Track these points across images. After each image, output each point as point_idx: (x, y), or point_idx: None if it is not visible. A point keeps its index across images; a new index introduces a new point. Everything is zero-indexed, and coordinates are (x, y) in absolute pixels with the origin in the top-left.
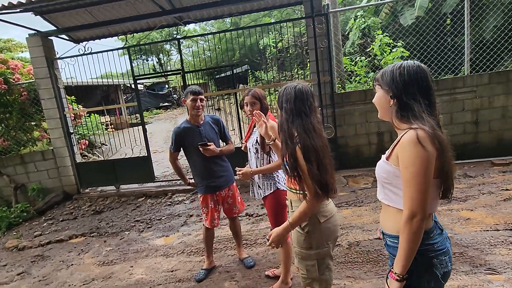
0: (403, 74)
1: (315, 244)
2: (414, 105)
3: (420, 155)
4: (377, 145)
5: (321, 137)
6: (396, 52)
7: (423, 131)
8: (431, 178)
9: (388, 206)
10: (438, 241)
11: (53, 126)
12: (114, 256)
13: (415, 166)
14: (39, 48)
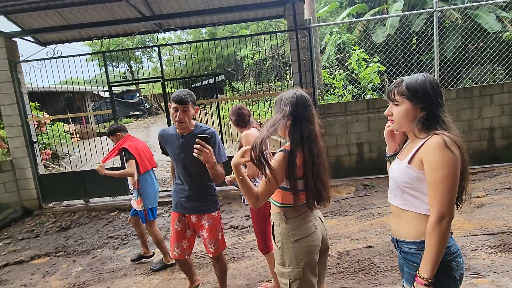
0: (434, 87)
1: (288, 261)
2: (443, 115)
3: (449, 158)
4: (356, 156)
5: (321, 144)
6: (373, 67)
7: (448, 136)
8: (457, 181)
9: (406, 211)
10: (452, 244)
11: (13, 135)
12: (87, 277)
13: (445, 169)
14: (2, 49)
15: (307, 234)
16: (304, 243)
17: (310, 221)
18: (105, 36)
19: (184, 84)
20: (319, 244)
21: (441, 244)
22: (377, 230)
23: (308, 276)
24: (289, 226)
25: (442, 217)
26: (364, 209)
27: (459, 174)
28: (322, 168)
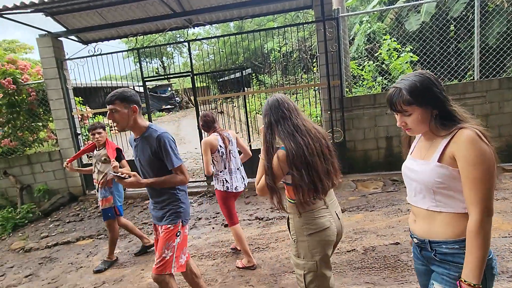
0: (435, 83)
1: (302, 254)
2: (455, 108)
3: (486, 151)
4: (385, 150)
5: (309, 133)
6: (405, 57)
7: (478, 129)
8: (496, 175)
9: (440, 213)
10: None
11: (61, 127)
12: (124, 259)
13: (484, 163)
14: (49, 48)
15: (321, 229)
16: (318, 236)
17: (324, 216)
18: (139, 33)
19: (212, 78)
20: (333, 239)
21: (487, 245)
22: (405, 227)
23: (322, 269)
24: (302, 220)
25: (486, 216)
26: (392, 205)
27: (496, 168)
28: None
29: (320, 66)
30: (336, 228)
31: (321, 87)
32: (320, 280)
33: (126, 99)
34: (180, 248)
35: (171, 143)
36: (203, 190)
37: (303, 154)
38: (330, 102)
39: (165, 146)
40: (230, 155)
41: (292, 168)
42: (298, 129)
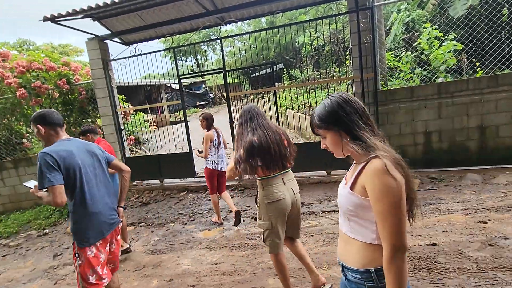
0: (343, 106)
1: (262, 216)
2: (363, 133)
3: (392, 185)
4: (423, 146)
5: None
6: (448, 46)
7: (387, 159)
8: (404, 208)
9: (353, 239)
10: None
11: (106, 123)
12: (162, 246)
13: (389, 198)
14: (96, 51)
15: (276, 199)
16: (273, 205)
17: (281, 191)
18: (175, 33)
19: (244, 74)
20: (285, 208)
21: (402, 279)
22: (444, 227)
23: (276, 227)
24: (264, 192)
25: (397, 249)
26: (429, 204)
27: (405, 200)
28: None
29: (353, 59)
30: (291, 201)
31: (353, 80)
32: (273, 237)
33: (35, 120)
34: (83, 269)
35: (41, 163)
36: (235, 184)
37: (263, 141)
38: (363, 96)
39: (38, 166)
40: (220, 145)
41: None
42: (262, 126)
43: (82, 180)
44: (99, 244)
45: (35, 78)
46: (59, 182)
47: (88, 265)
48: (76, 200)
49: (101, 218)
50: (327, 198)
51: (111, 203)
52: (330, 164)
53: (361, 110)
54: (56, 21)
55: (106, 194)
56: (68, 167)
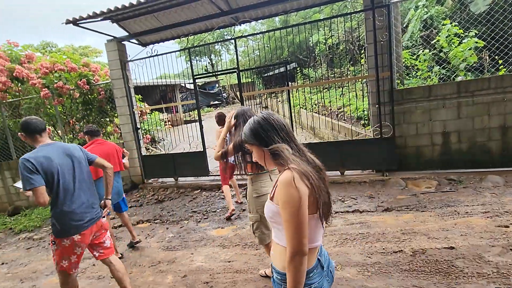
0: (262, 125)
1: (251, 209)
2: (284, 147)
3: (293, 196)
4: (441, 146)
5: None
6: (468, 43)
7: (295, 171)
8: (305, 217)
9: (276, 243)
10: (315, 281)
11: (124, 122)
12: (176, 243)
13: (290, 208)
14: (115, 52)
15: (263, 194)
16: (261, 198)
17: (268, 186)
18: (190, 33)
19: (257, 74)
20: None
21: (296, 280)
22: (463, 230)
23: (264, 219)
24: (253, 187)
25: (294, 254)
26: (447, 206)
27: (305, 210)
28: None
29: (368, 57)
30: None
31: (369, 79)
32: (262, 228)
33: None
34: (58, 255)
35: (22, 168)
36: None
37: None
38: (379, 95)
39: (20, 172)
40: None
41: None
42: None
43: (59, 183)
44: (76, 238)
45: (57, 78)
46: (40, 184)
47: (61, 253)
48: (52, 199)
49: (74, 217)
50: (340, 198)
51: (88, 202)
52: (343, 164)
53: (279, 127)
54: (77, 24)
55: (83, 194)
56: (46, 171)
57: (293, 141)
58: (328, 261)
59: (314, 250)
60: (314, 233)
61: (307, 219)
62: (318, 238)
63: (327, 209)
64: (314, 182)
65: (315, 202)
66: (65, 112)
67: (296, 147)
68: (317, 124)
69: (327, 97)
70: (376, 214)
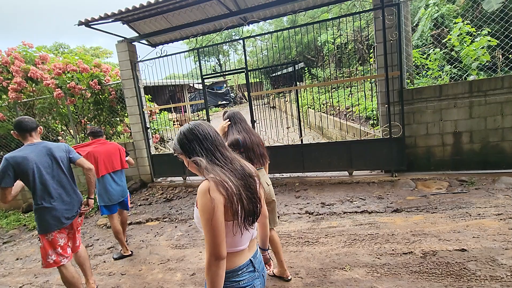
0: (186, 135)
1: None
2: (199, 158)
3: (207, 204)
4: (452, 147)
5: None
6: (481, 41)
7: (211, 181)
8: (219, 224)
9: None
10: (245, 279)
11: (134, 122)
12: (185, 241)
13: (205, 215)
14: (125, 52)
15: None
16: None
17: None
18: (199, 33)
19: (265, 74)
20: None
21: (213, 281)
22: (475, 233)
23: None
24: None
25: (210, 257)
26: (458, 208)
27: (221, 217)
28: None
29: (378, 57)
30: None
31: (378, 79)
32: None
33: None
34: (43, 250)
35: (2, 165)
36: None
37: (247, 141)
38: (388, 95)
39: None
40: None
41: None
42: (245, 129)
43: (35, 180)
44: (58, 231)
45: (70, 79)
46: (8, 185)
47: (47, 247)
48: (32, 196)
49: (55, 213)
50: (349, 199)
51: (69, 199)
52: (352, 165)
53: (203, 137)
54: (90, 25)
55: (64, 192)
56: (22, 170)
57: (219, 151)
58: (262, 266)
59: (241, 253)
60: (237, 238)
61: (222, 226)
62: (243, 243)
63: (251, 215)
64: (230, 191)
65: (232, 210)
66: (77, 111)
67: (222, 156)
68: (325, 124)
69: (335, 96)
70: (385, 215)
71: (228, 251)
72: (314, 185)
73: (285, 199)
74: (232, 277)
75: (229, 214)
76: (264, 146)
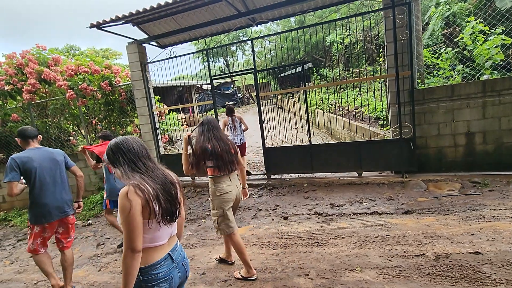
0: (113, 149)
1: (215, 206)
2: (122, 168)
3: (125, 206)
4: (465, 148)
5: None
6: (495, 40)
7: (131, 186)
8: (136, 222)
9: None
10: (163, 271)
11: (143, 122)
12: (194, 241)
13: (123, 214)
14: (135, 54)
15: (225, 192)
16: (222, 197)
17: (227, 186)
18: (208, 35)
19: (272, 74)
20: (232, 199)
21: (128, 274)
22: (489, 235)
23: (226, 214)
24: (215, 188)
25: (126, 250)
26: (472, 210)
27: (137, 216)
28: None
29: (388, 57)
30: (235, 193)
31: (388, 79)
32: (226, 221)
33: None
34: (31, 238)
35: (8, 165)
36: (263, 183)
37: (216, 149)
38: (399, 95)
39: (6, 166)
40: (235, 127)
41: (207, 157)
42: (216, 137)
43: (35, 179)
44: (46, 225)
45: (81, 80)
46: (15, 179)
47: (33, 237)
48: (30, 191)
49: (47, 208)
50: (358, 200)
51: (61, 199)
52: (361, 166)
53: (126, 149)
54: (101, 27)
55: (58, 191)
56: (26, 168)
57: (141, 161)
58: (182, 257)
59: (160, 248)
60: (156, 234)
61: (138, 224)
62: (162, 238)
63: (169, 214)
64: (147, 193)
65: (149, 210)
66: (88, 112)
67: (144, 166)
68: (333, 124)
69: (343, 97)
70: (396, 216)
71: (148, 246)
72: (323, 186)
73: (293, 200)
74: (151, 271)
75: (147, 213)
76: (235, 152)
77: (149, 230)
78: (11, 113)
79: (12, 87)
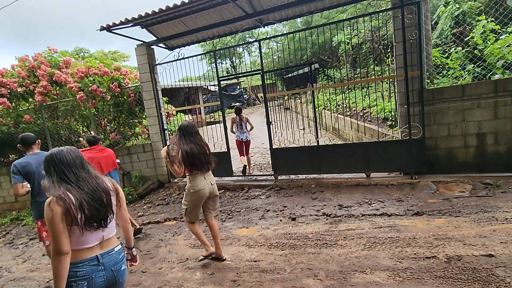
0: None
1: (187, 200)
2: (51, 179)
3: (48, 214)
4: (476, 148)
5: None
6: (507, 39)
7: (53, 196)
8: (58, 228)
9: None
10: (84, 270)
11: (151, 123)
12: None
13: (48, 221)
14: (144, 56)
15: (198, 189)
16: (196, 193)
17: (202, 183)
18: (215, 36)
19: (278, 75)
20: (204, 196)
21: (55, 272)
22: (502, 238)
23: (194, 208)
24: (190, 184)
25: (53, 253)
26: (484, 212)
27: (58, 224)
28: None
29: (397, 57)
30: (208, 189)
31: (397, 79)
32: (191, 214)
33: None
34: (38, 231)
35: (11, 170)
36: (271, 184)
37: (193, 152)
38: (408, 95)
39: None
40: (241, 125)
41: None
42: (193, 141)
43: (34, 181)
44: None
45: (91, 82)
46: (18, 181)
47: (38, 231)
48: (31, 192)
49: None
50: (367, 201)
51: None
52: (369, 167)
53: (58, 161)
54: (111, 30)
55: None
56: (26, 171)
57: (73, 172)
58: (115, 263)
59: (87, 250)
60: (80, 239)
61: (60, 229)
62: (89, 242)
63: (95, 220)
64: (68, 202)
65: (70, 218)
66: (97, 113)
67: (75, 176)
68: (341, 125)
69: (351, 97)
70: (406, 218)
71: (75, 248)
72: (331, 187)
73: (301, 201)
74: (72, 267)
75: (69, 221)
76: (210, 154)
77: (72, 235)
78: (24, 115)
79: (25, 89)
